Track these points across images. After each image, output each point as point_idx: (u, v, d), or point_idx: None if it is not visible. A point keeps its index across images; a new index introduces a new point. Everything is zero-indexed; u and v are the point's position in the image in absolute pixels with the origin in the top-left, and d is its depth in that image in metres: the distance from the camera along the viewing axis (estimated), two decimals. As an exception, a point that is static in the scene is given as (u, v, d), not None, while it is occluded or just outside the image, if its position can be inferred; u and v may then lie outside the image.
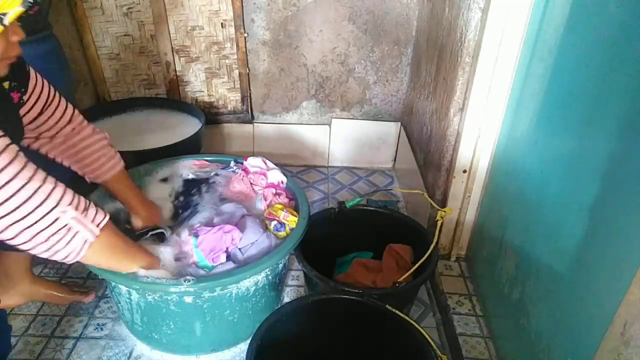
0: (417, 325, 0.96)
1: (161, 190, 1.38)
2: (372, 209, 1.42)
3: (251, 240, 1.17)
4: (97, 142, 1.09)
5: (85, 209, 0.81)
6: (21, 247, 0.77)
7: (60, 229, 0.77)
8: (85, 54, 1.86)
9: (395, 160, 2.14)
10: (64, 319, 1.32)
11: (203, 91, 1.98)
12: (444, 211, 1.29)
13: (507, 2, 1.08)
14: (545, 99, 1.00)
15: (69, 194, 0.79)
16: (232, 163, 1.48)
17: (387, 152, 2.13)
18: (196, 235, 1.15)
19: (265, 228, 1.22)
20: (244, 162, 1.44)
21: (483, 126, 1.24)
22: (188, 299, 1.06)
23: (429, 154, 1.55)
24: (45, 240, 0.76)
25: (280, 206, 1.27)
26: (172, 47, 1.86)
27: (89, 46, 1.84)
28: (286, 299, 1.41)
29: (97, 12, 1.78)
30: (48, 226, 0.75)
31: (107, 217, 0.87)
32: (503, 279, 1.15)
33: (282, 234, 1.22)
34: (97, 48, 1.86)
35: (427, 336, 0.94)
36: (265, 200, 1.33)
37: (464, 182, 1.34)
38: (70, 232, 0.79)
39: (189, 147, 1.61)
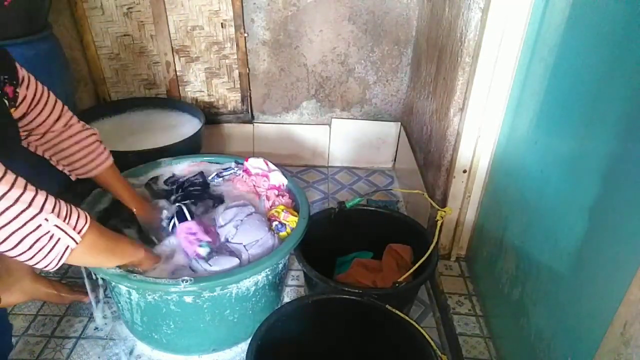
0: (417, 325, 0.96)
1: (157, 195, 1.38)
2: (372, 209, 1.42)
3: (256, 238, 1.17)
4: (87, 138, 1.09)
5: (67, 216, 0.80)
6: (7, 254, 0.76)
7: (42, 236, 0.76)
8: (85, 54, 1.86)
9: (395, 160, 2.14)
10: (64, 319, 1.32)
11: (203, 91, 1.98)
12: (444, 211, 1.29)
13: (507, 2, 1.08)
14: (545, 99, 1.00)
15: (51, 201, 0.77)
16: (233, 164, 1.48)
17: (387, 152, 2.13)
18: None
19: (269, 228, 1.23)
20: (245, 162, 1.44)
21: (483, 126, 1.24)
22: (188, 299, 1.06)
23: (429, 154, 1.55)
24: (29, 248, 0.75)
25: (282, 207, 1.28)
26: (172, 47, 1.86)
27: (89, 46, 1.84)
28: (286, 299, 1.41)
29: (97, 12, 1.78)
30: (31, 233, 0.74)
31: (89, 223, 0.85)
32: (503, 279, 1.15)
33: (282, 234, 1.22)
34: (97, 48, 1.86)
35: (427, 336, 0.93)
36: (268, 200, 1.33)
37: (464, 182, 1.34)
38: (53, 240, 0.78)
39: (189, 147, 1.61)
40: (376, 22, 1.83)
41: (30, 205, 0.73)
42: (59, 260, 0.81)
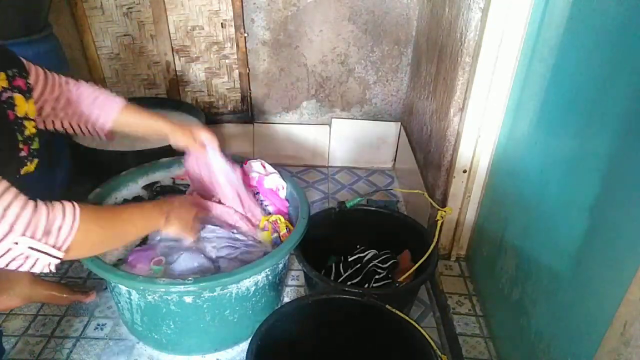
0: (417, 325, 0.96)
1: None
2: (372, 209, 1.42)
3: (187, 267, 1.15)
4: (96, 90, 1.04)
5: (46, 233, 0.71)
6: None
7: (17, 257, 0.71)
8: (85, 54, 1.86)
9: (395, 160, 2.14)
10: (64, 319, 1.32)
11: (203, 91, 1.98)
12: (444, 211, 1.29)
13: (507, 2, 1.08)
14: (545, 99, 1.00)
15: (23, 220, 0.69)
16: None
17: (387, 152, 2.13)
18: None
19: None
20: (244, 166, 1.44)
21: (483, 126, 1.24)
22: (188, 299, 1.06)
23: (429, 154, 1.55)
24: (6, 265, 0.71)
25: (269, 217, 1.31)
26: (172, 47, 1.86)
27: (89, 46, 1.84)
28: (286, 299, 1.41)
29: (97, 12, 1.78)
30: (2, 255, 0.69)
31: (75, 227, 0.75)
32: (503, 279, 1.15)
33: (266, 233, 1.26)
34: (97, 48, 1.86)
35: (427, 336, 0.93)
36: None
37: (464, 182, 1.34)
38: (30, 259, 0.72)
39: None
40: (376, 22, 1.83)
41: None
42: (47, 268, 0.76)
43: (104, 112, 1.04)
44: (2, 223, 0.67)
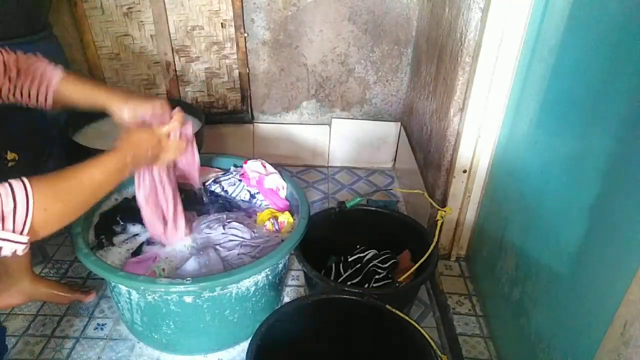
0: (417, 325, 0.96)
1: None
2: (372, 209, 1.42)
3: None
4: (37, 61, 0.99)
5: (2, 219, 0.67)
6: None
7: None
8: (85, 54, 1.86)
9: (395, 160, 2.14)
10: (64, 319, 1.32)
11: (203, 91, 1.98)
12: (444, 211, 1.29)
13: (507, 2, 1.08)
14: (546, 99, 1.00)
15: None
16: (232, 168, 1.48)
17: (387, 152, 2.13)
18: None
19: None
20: (244, 165, 1.44)
21: (483, 126, 1.24)
22: (188, 299, 1.06)
23: (429, 154, 1.55)
24: None
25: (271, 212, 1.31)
26: (172, 47, 1.86)
27: (89, 46, 1.84)
28: (286, 299, 1.41)
29: (97, 12, 1.78)
30: None
31: (31, 206, 0.70)
32: (503, 279, 1.15)
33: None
34: (97, 48, 1.86)
35: (427, 336, 0.94)
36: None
37: (464, 182, 1.34)
38: None
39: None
40: (376, 22, 1.83)
41: None
42: (18, 252, 0.71)
43: (43, 84, 0.98)
44: None
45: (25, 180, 0.71)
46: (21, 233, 0.69)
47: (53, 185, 0.76)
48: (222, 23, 1.82)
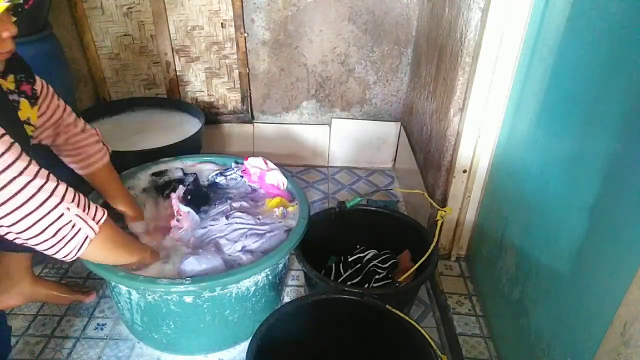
0: (417, 325, 0.96)
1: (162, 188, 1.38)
2: (372, 209, 1.42)
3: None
4: (90, 137, 1.14)
5: (87, 207, 0.84)
6: (30, 242, 0.78)
7: (65, 225, 0.79)
8: (85, 54, 1.86)
9: (395, 160, 2.14)
10: (64, 319, 1.32)
11: (203, 91, 1.98)
12: (444, 211, 1.29)
13: (507, 2, 1.08)
14: (545, 99, 1.00)
15: (71, 191, 0.81)
16: (233, 164, 1.48)
17: (387, 152, 2.13)
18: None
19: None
20: (245, 162, 1.44)
21: (483, 126, 1.24)
22: (188, 299, 1.06)
23: (429, 154, 1.55)
24: (53, 236, 0.78)
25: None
26: (172, 47, 1.86)
27: (89, 46, 1.84)
28: (286, 299, 1.41)
29: (97, 12, 1.78)
30: (54, 221, 0.78)
31: (106, 214, 0.89)
32: (503, 279, 1.15)
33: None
34: (97, 48, 1.86)
35: (427, 336, 0.94)
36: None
37: (464, 182, 1.34)
38: (74, 229, 0.81)
39: (189, 147, 1.61)
40: (376, 22, 1.83)
41: (52, 194, 0.76)
42: (78, 250, 0.84)
43: (87, 160, 1.14)
44: (59, 189, 0.78)
45: (105, 215, 0.89)
46: (97, 223, 0.86)
47: (113, 223, 0.95)
48: (222, 23, 1.82)
